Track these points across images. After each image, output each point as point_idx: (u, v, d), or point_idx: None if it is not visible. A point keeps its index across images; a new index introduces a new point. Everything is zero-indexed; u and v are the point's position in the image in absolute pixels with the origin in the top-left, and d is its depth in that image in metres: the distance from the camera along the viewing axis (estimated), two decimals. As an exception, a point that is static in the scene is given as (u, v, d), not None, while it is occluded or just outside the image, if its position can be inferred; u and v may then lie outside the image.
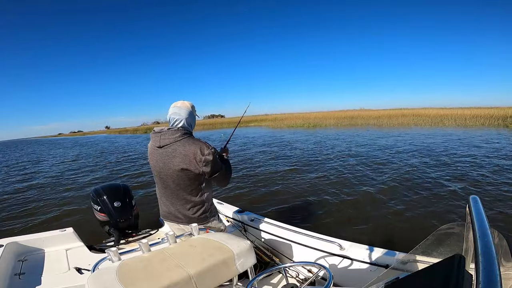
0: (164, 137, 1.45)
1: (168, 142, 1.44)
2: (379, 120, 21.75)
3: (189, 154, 1.40)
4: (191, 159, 1.40)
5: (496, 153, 7.46)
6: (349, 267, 1.66)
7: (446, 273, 0.61)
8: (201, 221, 1.59)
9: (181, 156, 1.41)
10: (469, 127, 16.03)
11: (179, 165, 1.42)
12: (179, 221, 1.60)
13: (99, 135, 60.02)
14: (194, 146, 1.41)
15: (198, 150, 1.40)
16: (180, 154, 1.41)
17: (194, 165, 1.41)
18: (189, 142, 1.44)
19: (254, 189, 5.38)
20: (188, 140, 1.44)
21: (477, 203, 0.74)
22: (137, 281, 0.95)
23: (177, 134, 1.44)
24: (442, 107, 26.15)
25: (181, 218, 1.59)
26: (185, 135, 1.46)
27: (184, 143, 1.43)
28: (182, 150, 1.42)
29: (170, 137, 1.44)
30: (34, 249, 1.88)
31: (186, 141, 1.44)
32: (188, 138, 1.46)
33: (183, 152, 1.41)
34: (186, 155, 1.41)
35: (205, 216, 1.60)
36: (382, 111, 26.65)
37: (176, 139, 1.44)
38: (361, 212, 3.87)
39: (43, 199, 5.94)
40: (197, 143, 1.44)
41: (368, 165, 6.71)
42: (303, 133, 17.75)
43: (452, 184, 4.81)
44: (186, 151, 1.41)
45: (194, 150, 1.40)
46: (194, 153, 1.40)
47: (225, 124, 36.66)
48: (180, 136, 1.44)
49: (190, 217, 1.57)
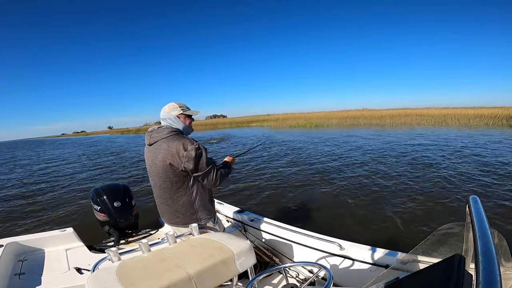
0: (153, 135, 1.50)
1: (156, 139, 1.48)
2: (381, 120, 21.65)
3: (172, 149, 1.42)
4: (173, 154, 1.41)
5: (497, 153, 7.41)
6: (349, 267, 1.66)
7: (446, 273, 0.61)
8: (191, 222, 1.53)
9: (164, 152, 1.43)
10: (473, 127, 15.92)
11: (163, 160, 1.44)
12: (170, 222, 1.59)
13: (102, 135, 60.27)
14: (177, 142, 1.43)
15: (181, 146, 1.41)
16: (164, 150, 1.43)
17: (177, 160, 1.41)
18: (173, 138, 1.45)
19: (254, 189, 5.38)
20: (173, 137, 1.47)
21: (477, 203, 0.74)
22: (137, 281, 0.95)
23: (164, 131, 1.48)
24: (445, 107, 26.00)
25: (171, 219, 1.58)
26: (173, 132, 1.48)
27: (169, 140, 1.45)
28: (166, 146, 1.44)
29: (157, 135, 1.49)
30: (34, 249, 1.88)
31: (172, 138, 1.46)
32: (174, 135, 1.48)
33: (167, 148, 1.43)
34: (169, 150, 1.42)
35: (195, 218, 1.55)
36: (385, 111, 26.43)
37: (162, 136, 1.47)
38: (361, 212, 3.86)
39: (43, 199, 5.97)
40: (182, 139, 1.45)
41: (368, 165, 6.69)
42: (305, 133, 17.72)
43: (452, 184, 4.79)
44: (170, 147, 1.43)
45: (177, 146, 1.42)
46: (177, 149, 1.41)
47: (227, 125, 36.68)
48: (167, 134, 1.47)
49: (180, 217, 1.54)
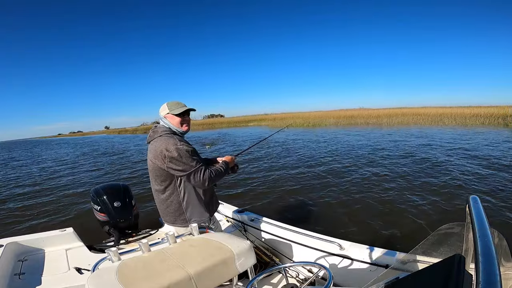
0: (151, 134, 1.54)
1: (151, 138, 1.52)
2: (378, 119, 21.71)
3: (158, 149, 1.43)
4: (158, 154, 1.43)
5: (495, 152, 7.47)
6: (349, 267, 1.66)
7: (446, 273, 0.61)
8: (181, 224, 1.55)
9: (153, 152, 1.45)
10: (469, 126, 16.02)
11: (151, 160, 1.47)
12: (164, 220, 1.61)
13: (98, 136, 59.94)
14: (162, 142, 1.44)
15: (164, 147, 1.42)
16: (153, 150, 1.46)
17: (161, 161, 1.43)
18: (162, 138, 1.46)
19: (254, 189, 5.38)
20: (162, 137, 1.48)
21: (477, 203, 0.74)
22: (137, 281, 0.95)
23: (158, 131, 1.51)
24: (441, 106, 26.10)
25: (164, 217, 1.61)
26: (164, 132, 1.50)
27: (159, 140, 1.47)
28: (155, 145, 1.46)
29: (153, 134, 1.52)
30: (34, 249, 1.88)
31: (161, 137, 1.47)
32: (164, 135, 1.48)
33: (154, 148, 1.45)
34: (156, 150, 1.44)
35: (183, 218, 1.54)
36: (382, 110, 26.49)
37: (155, 136, 1.50)
38: (361, 212, 3.87)
39: (43, 199, 5.93)
40: (168, 140, 1.45)
41: (368, 166, 6.71)
42: (303, 132, 17.74)
43: (452, 184, 4.82)
44: (157, 147, 1.44)
45: (161, 146, 1.43)
46: (161, 150, 1.42)
47: (225, 124, 36.57)
48: (160, 133, 1.49)
49: (169, 216, 1.55)
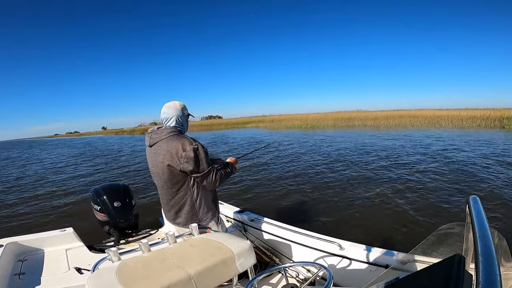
0: (153, 136, 1.47)
1: (156, 140, 1.46)
2: (376, 121, 21.79)
3: (171, 150, 1.40)
4: (173, 155, 1.39)
5: (493, 154, 7.52)
6: (349, 267, 1.67)
7: (446, 273, 0.61)
8: (194, 222, 1.52)
9: (164, 153, 1.41)
10: (466, 128, 16.13)
11: (162, 162, 1.42)
12: (174, 222, 1.58)
13: (95, 136, 59.63)
14: (177, 142, 1.40)
15: (180, 146, 1.39)
16: (164, 151, 1.41)
17: (176, 161, 1.39)
18: (173, 138, 1.43)
19: (254, 189, 5.38)
20: (173, 137, 1.44)
21: (477, 203, 0.75)
22: (137, 281, 0.94)
23: (164, 132, 1.46)
24: (438, 108, 26.24)
25: (174, 219, 1.57)
26: (172, 133, 1.46)
27: (169, 140, 1.43)
28: (165, 146, 1.42)
29: (157, 135, 1.46)
30: (34, 249, 1.86)
31: (171, 138, 1.43)
32: (174, 135, 1.45)
33: (166, 149, 1.41)
34: (168, 151, 1.40)
35: (197, 218, 1.54)
36: (379, 112, 26.62)
37: (162, 137, 1.45)
38: (361, 212, 3.88)
39: (43, 199, 5.90)
40: (181, 139, 1.42)
41: (368, 166, 6.74)
42: (301, 134, 17.77)
43: (452, 184, 4.84)
44: (169, 148, 1.40)
45: (177, 146, 1.39)
46: (176, 150, 1.39)
47: (223, 125, 36.52)
48: (167, 134, 1.44)
49: (182, 217, 1.54)
